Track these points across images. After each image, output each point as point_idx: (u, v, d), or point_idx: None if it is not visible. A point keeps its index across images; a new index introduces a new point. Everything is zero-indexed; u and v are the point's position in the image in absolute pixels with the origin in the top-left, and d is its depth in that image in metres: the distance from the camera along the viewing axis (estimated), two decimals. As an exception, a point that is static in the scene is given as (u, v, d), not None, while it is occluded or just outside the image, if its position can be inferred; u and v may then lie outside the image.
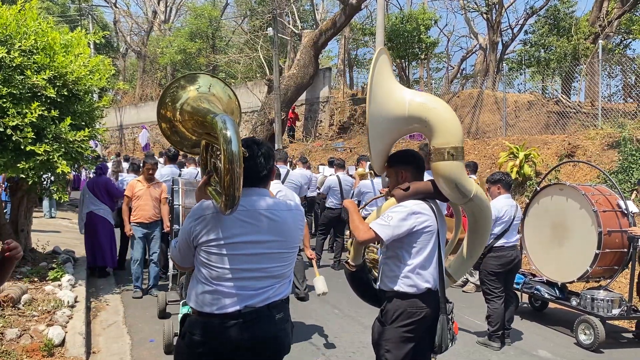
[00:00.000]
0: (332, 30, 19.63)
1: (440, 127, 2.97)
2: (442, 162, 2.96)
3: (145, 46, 33.83)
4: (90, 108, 6.92)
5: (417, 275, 3.13)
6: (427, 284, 3.13)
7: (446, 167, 2.96)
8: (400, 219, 3.09)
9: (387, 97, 3.08)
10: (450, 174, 2.98)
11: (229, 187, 2.26)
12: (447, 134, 2.95)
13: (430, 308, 3.13)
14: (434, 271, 3.16)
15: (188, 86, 2.93)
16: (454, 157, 2.93)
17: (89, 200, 8.19)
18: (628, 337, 6.37)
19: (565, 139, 11.42)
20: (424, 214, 3.12)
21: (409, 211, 3.10)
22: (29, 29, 6.11)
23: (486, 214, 3.21)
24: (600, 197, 6.40)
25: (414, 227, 3.09)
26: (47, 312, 5.64)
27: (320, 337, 5.84)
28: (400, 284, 3.15)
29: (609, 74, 14.36)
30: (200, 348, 2.49)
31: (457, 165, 2.96)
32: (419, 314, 3.11)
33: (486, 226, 3.26)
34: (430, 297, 3.14)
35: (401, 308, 3.13)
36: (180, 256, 2.61)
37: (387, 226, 3.08)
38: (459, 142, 2.95)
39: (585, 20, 17.85)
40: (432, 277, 3.16)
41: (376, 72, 3.02)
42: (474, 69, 27.58)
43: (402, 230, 3.08)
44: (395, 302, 3.16)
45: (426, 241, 3.14)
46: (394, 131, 3.19)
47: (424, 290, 3.13)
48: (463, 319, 6.65)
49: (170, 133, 3.01)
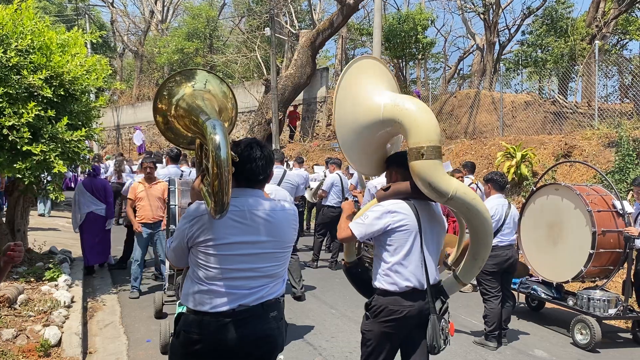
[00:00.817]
0: (329, 31, 19.64)
1: (412, 127, 3.01)
2: (415, 162, 2.99)
3: (143, 46, 33.78)
4: (87, 108, 6.90)
5: (396, 273, 3.17)
6: (408, 283, 3.15)
7: (418, 167, 2.99)
8: (374, 217, 3.18)
9: (359, 106, 3.20)
10: (422, 174, 3.00)
11: (218, 193, 2.26)
12: (418, 134, 2.99)
13: (415, 307, 3.15)
14: (416, 270, 3.17)
15: (185, 82, 2.92)
16: (424, 157, 2.95)
17: (89, 200, 8.28)
18: (624, 337, 6.39)
19: (562, 139, 11.45)
20: (400, 212, 3.17)
21: (385, 210, 3.18)
22: (25, 28, 6.09)
23: (475, 213, 3.12)
24: (595, 197, 6.41)
25: (388, 225, 3.15)
26: (43, 312, 5.63)
27: (317, 337, 5.84)
28: (382, 281, 3.22)
29: (605, 75, 14.41)
30: (195, 346, 2.50)
31: (429, 164, 2.97)
32: (401, 312, 3.14)
33: (481, 225, 3.18)
34: (414, 296, 3.16)
35: (383, 305, 3.19)
36: (175, 256, 2.63)
37: (361, 225, 3.20)
38: (430, 142, 2.96)
39: (582, 21, 17.91)
40: (413, 276, 3.17)
41: (341, 89, 3.19)
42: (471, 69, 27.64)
43: (375, 229, 3.17)
44: (378, 299, 3.24)
45: (403, 240, 3.17)
46: (373, 136, 3.26)
47: (405, 289, 3.15)
48: (460, 319, 6.67)
49: (165, 129, 3.00)
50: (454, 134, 16.84)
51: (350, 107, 3.22)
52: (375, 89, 3.23)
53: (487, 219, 3.17)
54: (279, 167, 8.09)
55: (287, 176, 7.93)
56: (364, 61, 3.41)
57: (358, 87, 3.24)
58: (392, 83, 3.45)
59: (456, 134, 16.70)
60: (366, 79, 3.28)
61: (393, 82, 3.48)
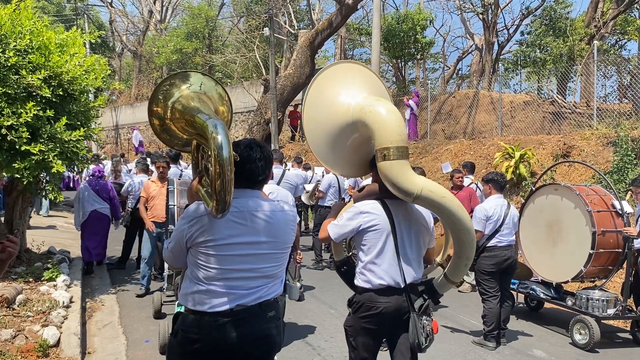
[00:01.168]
0: (328, 30, 19.62)
1: (376, 129, 3.06)
2: (380, 163, 3.05)
3: (141, 46, 33.78)
4: (85, 108, 6.90)
5: (370, 271, 3.26)
6: (382, 281, 3.22)
7: (383, 168, 3.04)
8: (347, 218, 3.29)
9: (329, 111, 3.27)
10: (387, 174, 3.04)
11: (220, 192, 2.27)
12: (381, 136, 3.03)
13: (391, 303, 3.21)
14: (389, 269, 3.23)
15: (180, 84, 2.93)
16: (388, 158, 3.00)
17: (93, 199, 8.47)
18: (623, 336, 6.39)
19: (561, 139, 11.45)
20: (371, 213, 3.24)
21: (357, 211, 3.27)
22: (24, 28, 6.09)
23: (446, 211, 3.08)
24: (595, 197, 6.42)
25: (360, 225, 3.24)
26: (42, 312, 5.62)
27: (316, 337, 5.84)
28: (358, 279, 3.33)
29: (604, 75, 14.40)
30: (193, 346, 2.50)
31: (394, 165, 3.00)
32: (377, 308, 3.22)
33: (456, 223, 3.13)
34: (389, 293, 3.22)
35: (361, 301, 3.29)
36: (172, 257, 2.63)
37: (336, 226, 3.34)
38: (393, 143, 2.99)
39: (581, 21, 17.93)
40: (387, 274, 3.22)
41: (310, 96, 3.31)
42: (470, 69, 27.65)
43: (348, 229, 3.28)
44: (357, 296, 3.35)
45: (375, 239, 3.23)
46: (347, 140, 3.31)
47: (379, 287, 3.23)
48: (459, 319, 6.67)
49: (161, 131, 3.01)
50: (452, 134, 16.84)
51: (321, 113, 3.31)
52: (345, 93, 3.28)
53: (461, 217, 3.12)
54: (278, 167, 8.09)
55: (286, 176, 7.93)
56: (338, 66, 3.52)
57: (329, 92, 3.31)
58: (374, 85, 3.46)
59: (455, 134, 16.70)
60: (337, 84, 3.34)
61: (376, 83, 3.49)
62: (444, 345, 5.69)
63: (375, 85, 3.46)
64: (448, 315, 6.75)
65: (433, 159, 14.32)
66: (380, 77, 3.68)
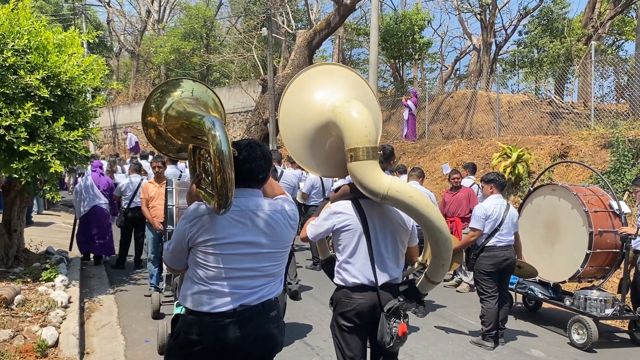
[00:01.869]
0: (326, 31, 19.64)
1: (345, 129, 3.08)
2: (348, 164, 3.08)
3: (139, 45, 33.73)
4: (83, 108, 6.90)
5: (345, 270, 3.32)
6: (355, 280, 3.27)
7: (351, 168, 3.08)
8: (322, 218, 3.37)
9: (302, 114, 3.33)
10: (354, 175, 3.08)
11: (222, 187, 2.29)
12: (350, 136, 3.06)
13: (366, 300, 3.25)
14: (362, 269, 3.27)
15: (172, 91, 2.96)
16: (353, 158, 3.03)
17: (95, 194, 8.89)
18: (621, 336, 6.41)
19: (558, 140, 11.47)
20: (344, 213, 3.30)
21: (331, 211, 3.35)
22: (22, 28, 6.08)
23: (414, 211, 3.07)
24: (592, 197, 6.44)
25: (333, 225, 3.31)
26: (40, 312, 5.61)
27: (315, 336, 5.85)
28: (335, 278, 3.41)
29: (601, 75, 14.44)
30: (194, 347, 2.50)
31: (360, 165, 3.03)
32: (350, 305, 3.27)
33: (426, 222, 3.10)
34: (363, 291, 3.26)
35: (338, 297, 3.37)
36: (172, 258, 2.61)
37: (313, 226, 3.41)
38: (358, 144, 3.01)
39: (578, 22, 17.98)
40: (360, 274, 3.27)
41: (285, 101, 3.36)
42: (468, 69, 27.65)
43: (323, 229, 3.35)
44: (335, 293, 3.42)
45: (348, 239, 3.29)
46: (324, 141, 3.34)
47: (352, 285, 3.28)
48: (457, 319, 6.68)
49: (156, 138, 3.03)
50: (450, 134, 16.85)
51: (297, 115, 3.35)
52: (321, 95, 3.32)
53: (431, 216, 3.08)
54: (277, 167, 8.11)
55: (284, 177, 7.95)
56: (314, 69, 3.55)
57: (305, 95, 3.35)
58: (356, 86, 3.47)
59: (453, 134, 16.71)
60: (314, 86, 3.38)
61: (357, 84, 3.50)
62: (442, 345, 5.70)
63: (358, 87, 3.48)
64: (446, 315, 6.76)
65: (431, 159, 14.34)
66: (364, 78, 3.69)
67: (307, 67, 3.54)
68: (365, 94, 3.46)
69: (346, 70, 3.61)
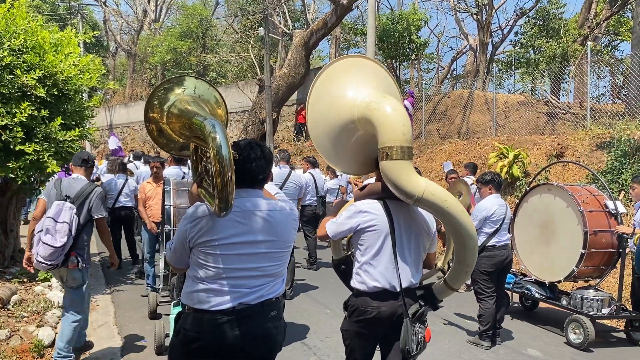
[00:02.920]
0: (323, 30, 19.63)
1: (380, 127, 2.95)
2: (382, 162, 2.95)
3: (136, 45, 33.67)
4: (80, 108, 6.89)
5: (365, 272, 3.18)
6: (377, 283, 3.14)
7: (385, 167, 2.95)
8: (346, 217, 3.22)
9: (334, 106, 3.19)
10: (388, 175, 2.95)
11: (222, 190, 2.28)
12: (385, 134, 2.93)
13: (385, 308, 3.13)
14: (385, 271, 3.14)
15: (175, 88, 2.95)
16: (390, 157, 2.90)
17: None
18: (617, 336, 6.43)
19: (555, 140, 11.50)
20: (370, 213, 3.16)
21: (357, 210, 3.20)
22: (18, 27, 6.07)
23: (448, 215, 2.97)
24: (588, 197, 6.45)
25: (358, 225, 3.17)
26: (37, 312, 5.61)
27: (312, 336, 5.85)
28: (354, 280, 3.26)
29: (597, 75, 14.50)
30: (193, 344, 2.51)
31: (396, 165, 2.91)
32: (370, 313, 3.14)
33: (457, 227, 3.00)
34: (384, 296, 3.14)
35: (356, 305, 3.22)
36: (175, 257, 2.63)
37: (335, 223, 3.27)
38: (396, 142, 2.89)
39: (574, 22, 18.03)
40: (382, 277, 3.14)
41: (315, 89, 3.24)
42: (464, 69, 27.74)
43: (346, 228, 3.21)
44: (352, 299, 3.28)
45: (373, 240, 3.16)
46: (351, 136, 3.22)
47: (373, 289, 3.14)
48: (453, 318, 6.69)
49: (158, 135, 3.02)
50: (447, 134, 16.88)
51: (326, 107, 3.22)
52: (352, 88, 3.18)
53: (463, 222, 2.98)
54: (285, 167, 8.16)
55: (292, 177, 8.04)
56: (346, 60, 3.40)
57: (335, 87, 3.21)
58: (384, 82, 3.36)
59: (449, 134, 16.74)
60: (345, 78, 3.25)
61: (386, 81, 3.38)
62: (439, 344, 5.70)
63: (385, 82, 3.35)
64: (443, 315, 6.77)
65: (428, 159, 14.35)
66: (391, 73, 3.59)
67: (337, 58, 3.38)
68: (392, 90, 3.33)
69: (376, 65, 3.47)
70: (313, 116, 3.28)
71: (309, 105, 3.25)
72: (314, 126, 3.28)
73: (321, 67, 18.11)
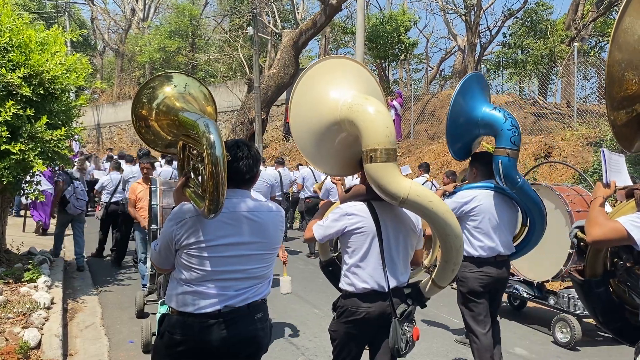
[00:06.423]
0: (312, 30, 19.62)
1: (363, 129, 2.93)
2: (366, 165, 2.94)
3: (124, 44, 33.46)
4: (67, 107, 6.82)
5: (354, 275, 3.18)
6: (365, 285, 3.14)
7: (369, 170, 2.93)
8: (333, 219, 3.21)
9: (317, 107, 3.16)
10: (372, 177, 2.94)
11: (213, 192, 2.23)
12: (368, 137, 2.91)
13: (375, 309, 3.14)
14: (374, 273, 3.15)
15: (164, 85, 2.92)
16: (373, 160, 2.89)
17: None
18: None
19: (542, 140, 11.58)
20: (357, 215, 3.16)
21: (343, 212, 3.19)
22: (3, 25, 5.99)
23: (433, 216, 2.98)
24: (575, 197, 6.50)
25: (345, 227, 3.16)
26: (22, 314, 5.54)
27: (300, 336, 5.84)
28: (342, 282, 3.26)
29: (584, 76, 14.60)
30: (178, 347, 2.48)
31: (380, 167, 2.89)
32: (360, 314, 3.15)
33: (443, 228, 3.01)
34: (373, 297, 3.15)
35: (345, 306, 3.22)
36: (160, 259, 2.59)
37: (321, 227, 3.25)
38: (379, 144, 2.87)
39: (561, 23, 18.16)
40: (371, 278, 3.14)
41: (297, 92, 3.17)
42: (453, 70, 27.81)
43: (333, 230, 3.20)
44: (340, 300, 3.28)
45: (360, 242, 3.16)
46: (334, 138, 3.20)
47: (362, 291, 3.15)
48: (441, 317, 6.72)
49: (145, 131, 2.98)
50: (435, 134, 16.94)
51: (309, 108, 3.19)
52: (336, 89, 3.16)
53: (449, 223, 2.99)
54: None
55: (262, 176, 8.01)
56: (330, 61, 3.37)
57: (317, 88, 3.19)
58: (368, 84, 3.34)
59: (438, 134, 16.80)
60: (329, 79, 3.22)
61: (370, 82, 3.37)
62: (426, 344, 5.72)
63: (368, 83, 3.34)
64: (430, 314, 6.79)
65: (416, 159, 14.39)
66: (375, 75, 3.56)
67: (321, 59, 3.34)
68: (375, 91, 3.31)
69: (360, 67, 3.45)
70: (296, 117, 3.24)
71: (292, 105, 3.21)
72: (297, 127, 3.24)
73: (310, 66, 18.23)
